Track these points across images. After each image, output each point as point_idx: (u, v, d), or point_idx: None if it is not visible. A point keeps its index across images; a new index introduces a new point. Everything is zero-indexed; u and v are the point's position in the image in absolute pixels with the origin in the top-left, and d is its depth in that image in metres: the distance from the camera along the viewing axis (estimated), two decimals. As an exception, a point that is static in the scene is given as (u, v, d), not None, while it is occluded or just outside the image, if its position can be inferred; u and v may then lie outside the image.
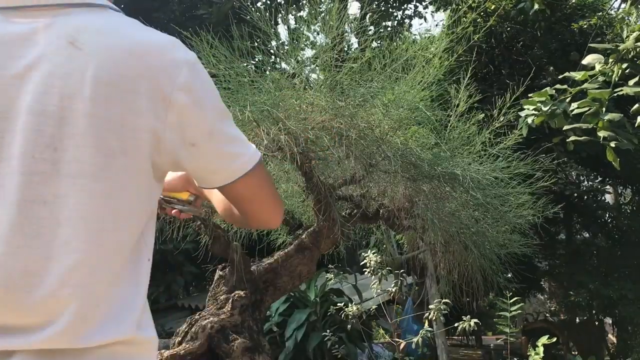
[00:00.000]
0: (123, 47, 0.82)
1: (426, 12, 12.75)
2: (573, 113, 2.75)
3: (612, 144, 2.62)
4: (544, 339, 4.18)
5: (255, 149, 0.93)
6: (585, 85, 2.75)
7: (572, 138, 2.80)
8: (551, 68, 6.15)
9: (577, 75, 2.79)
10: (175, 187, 1.15)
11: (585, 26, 6.20)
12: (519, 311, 4.30)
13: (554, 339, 4.26)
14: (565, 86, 2.91)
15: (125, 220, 0.84)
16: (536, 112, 2.87)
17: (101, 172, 0.80)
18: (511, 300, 4.13)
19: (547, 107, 2.81)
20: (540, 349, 4.15)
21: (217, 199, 1.08)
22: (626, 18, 5.64)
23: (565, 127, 2.83)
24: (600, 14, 6.25)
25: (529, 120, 2.90)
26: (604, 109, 2.62)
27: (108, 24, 0.84)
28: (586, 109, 2.69)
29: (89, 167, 0.79)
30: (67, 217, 0.79)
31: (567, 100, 2.83)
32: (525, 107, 2.99)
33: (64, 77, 0.79)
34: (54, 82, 0.79)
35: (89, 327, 0.80)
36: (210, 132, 0.86)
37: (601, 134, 2.64)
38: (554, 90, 2.91)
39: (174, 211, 1.16)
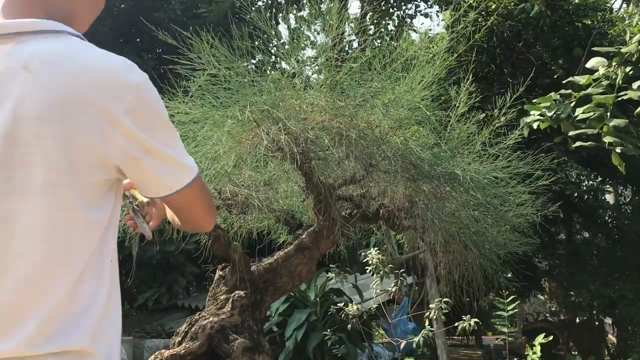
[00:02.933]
0: (72, 70, 0.87)
1: (431, 12, 12.77)
2: (578, 119, 2.75)
3: (618, 150, 2.62)
4: (540, 338, 4.18)
5: (193, 166, 1.00)
6: (590, 89, 2.75)
7: (578, 144, 2.79)
8: (560, 61, 6.13)
9: (581, 79, 2.79)
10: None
11: (588, 23, 6.18)
12: (516, 310, 4.30)
13: (551, 338, 4.25)
14: (569, 91, 2.91)
15: (77, 231, 0.88)
16: (541, 118, 2.87)
17: (50, 188, 0.85)
18: (508, 300, 4.13)
19: (552, 112, 2.81)
20: (538, 348, 4.14)
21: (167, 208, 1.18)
22: (627, 19, 5.63)
23: (570, 133, 2.83)
24: (602, 13, 6.24)
25: (534, 125, 2.91)
26: (608, 114, 2.62)
27: (61, 49, 0.89)
28: (591, 114, 2.69)
29: (39, 183, 0.84)
30: (21, 232, 0.84)
31: (572, 104, 2.82)
32: (530, 112, 3.00)
33: (16, 100, 0.84)
34: (6, 105, 0.84)
35: (43, 335, 0.84)
36: (149, 149, 0.92)
37: (606, 139, 2.64)
38: (559, 95, 2.91)
39: (127, 215, 1.25)
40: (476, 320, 3.90)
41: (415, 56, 3.11)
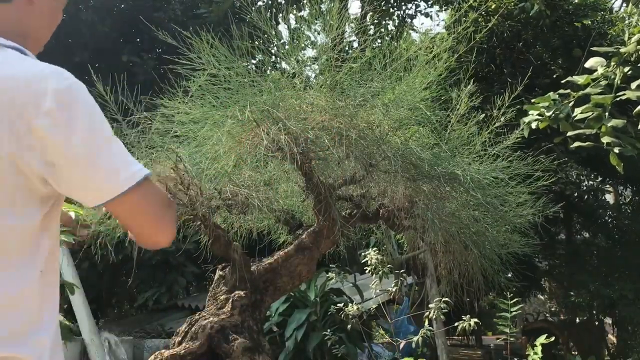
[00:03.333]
0: None
1: (431, 12, 12.78)
2: (576, 119, 2.76)
3: (616, 150, 2.63)
4: (542, 339, 4.18)
5: (138, 172, 0.93)
6: (588, 89, 2.75)
7: (577, 144, 2.80)
8: (560, 61, 6.13)
9: (580, 79, 2.79)
10: None
11: (587, 23, 6.19)
12: (519, 312, 4.30)
13: (552, 338, 4.25)
14: (568, 90, 2.91)
15: None
16: (540, 117, 2.88)
17: None
18: (512, 301, 4.13)
19: (551, 112, 2.81)
20: (539, 349, 4.15)
21: None
22: (627, 19, 5.63)
23: (569, 133, 2.83)
24: (602, 13, 6.25)
25: (533, 125, 2.92)
26: (606, 114, 2.63)
27: None
28: (589, 114, 2.70)
29: None
30: None
31: (570, 104, 2.83)
32: (529, 112, 3.00)
33: None
34: None
35: None
36: (74, 155, 0.89)
37: (604, 140, 2.65)
38: (557, 95, 2.92)
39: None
40: (476, 320, 3.90)
41: (416, 56, 3.11)
